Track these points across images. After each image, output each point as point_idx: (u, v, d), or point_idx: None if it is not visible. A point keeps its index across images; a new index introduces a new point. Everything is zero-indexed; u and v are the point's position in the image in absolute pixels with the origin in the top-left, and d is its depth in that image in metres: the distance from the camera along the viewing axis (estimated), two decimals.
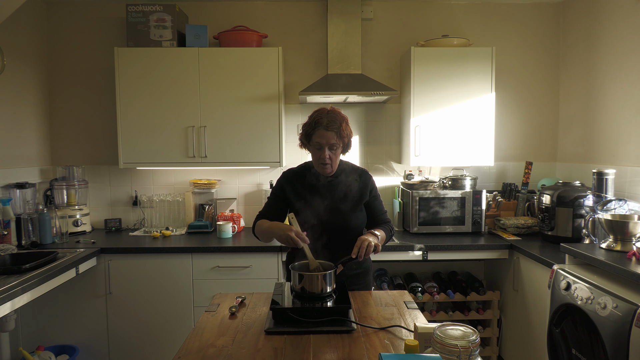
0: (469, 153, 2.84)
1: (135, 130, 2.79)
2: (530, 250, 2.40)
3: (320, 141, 1.67)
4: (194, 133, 2.79)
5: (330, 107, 1.73)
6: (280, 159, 2.82)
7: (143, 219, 3.11)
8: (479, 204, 2.83)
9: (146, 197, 3.08)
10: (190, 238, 2.80)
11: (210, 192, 3.11)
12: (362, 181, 1.81)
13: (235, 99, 2.78)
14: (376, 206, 1.84)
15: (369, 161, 3.18)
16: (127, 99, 2.77)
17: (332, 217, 1.72)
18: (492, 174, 3.20)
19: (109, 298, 2.58)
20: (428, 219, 2.84)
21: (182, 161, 2.82)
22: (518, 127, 3.19)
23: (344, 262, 1.60)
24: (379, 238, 1.68)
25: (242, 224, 3.06)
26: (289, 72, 3.11)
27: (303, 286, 1.50)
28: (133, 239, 2.79)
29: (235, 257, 2.57)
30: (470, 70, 2.79)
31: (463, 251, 2.61)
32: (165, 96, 2.77)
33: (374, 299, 1.66)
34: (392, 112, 3.16)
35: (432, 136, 2.83)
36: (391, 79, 3.12)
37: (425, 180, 3.03)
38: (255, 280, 2.57)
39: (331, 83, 2.80)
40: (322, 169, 1.73)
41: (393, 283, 2.90)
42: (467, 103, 2.81)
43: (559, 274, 1.96)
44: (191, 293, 2.58)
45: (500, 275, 2.83)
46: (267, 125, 2.80)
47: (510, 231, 2.81)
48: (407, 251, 2.60)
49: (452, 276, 2.98)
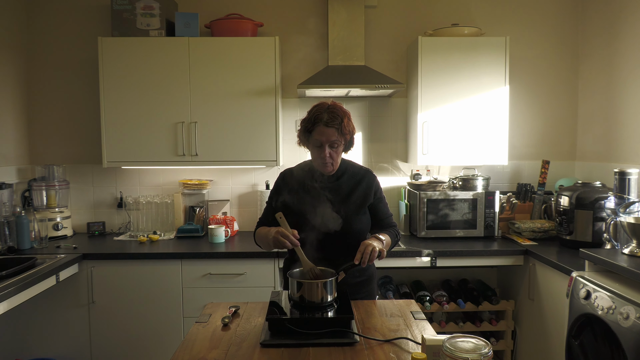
0: (481, 151, 2.84)
1: (120, 126, 2.79)
2: (547, 256, 2.40)
3: (321, 138, 1.68)
4: (183, 129, 2.79)
5: (331, 101, 1.73)
6: (277, 158, 2.82)
7: (129, 222, 3.11)
8: (491, 206, 2.83)
9: (132, 198, 3.09)
10: (180, 243, 2.80)
11: (201, 193, 3.11)
12: (366, 182, 1.81)
13: (229, 92, 2.78)
14: (381, 209, 1.84)
15: (373, 160, 3.18)
16: (112, 93, 2.77)
17: (334, 221, 1.72)
18: (506, 173, 3.20)
19: (92, 308, 2.58)
20: (437, 222, 2.84)
21: (171, 160, 2.82)
22: (534, 123, 3.19)
23: (346, 269, 1.60)
24: (384, 243, 1.68)
25: (236, 228, 3.06)
26: (287, 63, 3.11)
27: (302, 295, 1.50)
28: (118, 244, 2.79)
29: (229, 264, 2.57)
30: (482, 62, 2.79)
31: (474, 257, 2.61)
32: (153, 90, 2.77)
33: (379, 309, 1.66)
34: (398, 107, 3.16)
35: (441, 133, 2.83)
36: (397, 71, 3.13)
37: (433, 180, 3.03)
38: (250, 289, 2.57)
39: (332, 75, 2.80)
40: (322, 169, 1.74)
41: (399, 292, 2.90)
42: (478, 97, 2.81)
43: (578, 282, 1.96)
44: (180, 302, 2.58)
45: (514, 283, 2.83)
46: (262, 121, 2.80)
47: (526, 235, 2.82)
48: (414, 257, 2.60)
49: (462, 284, 2.98)
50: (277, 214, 1.61)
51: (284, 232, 1.56)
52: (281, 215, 1.60)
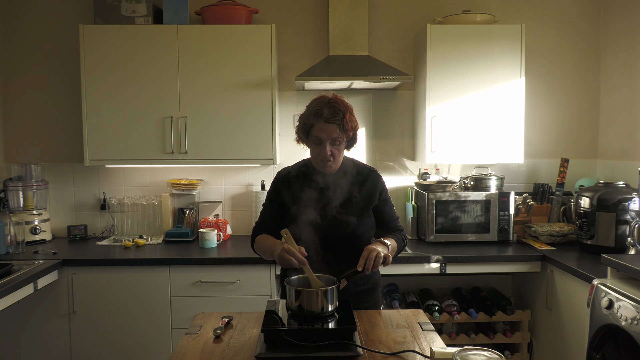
0: (494, 148, 2.84)
1: (103, 121, 2.78)
2: (566, 262, 2.40)
3: (321, 135, 1.68)
4: (172, 125, 2.79)
5: (332, 94, 1.73)
6: (273, 156, 2.82)
7: (113, 225, 3.11)
8: (506, 208, 2.83)
9: (116, 199, 3.08)
10: (168, 248, 2.80)
11: (191, 194, 3.11)
12: (370, 182, 1.81)
13: (221, 85, 2.78)
14: (386, 211, 1.84)
15: (378, 158, 3.18)
16: (95, 86, 2.77)
17: (335, 224, 1.72)
18: (522, 172, 3.20)
19: (73, 318, 2.58)
20: (447, 225, 2.84)
21: (158, 158, 2.81)
22: (552, 118, 3.19)
23: (349, 276, 1.60)
24: (390, 248, 1.68)
25: (229, 232, 3.06)
26: (284, 53, 3.11)
27: (300, 304, 1.50)
28: (101, 249, 2.78)
29: (221, 270, 2.57)
30: (496, 52, 2.79)
31: (488, 263, 2.61)
32: (139, 82, 2.77)
33: (384, 320, 1.66)
34: (405, 101, 3.16)
35: (452, 129, 2.83)
36: (403, 62, 3.12)
37: (443, 180, 3.03)
38: (244, 298, 2.57)
39: (333, 66, 2.80)
40: (322, 168, 1.74)
41: (405, 301, 2.91)
42: (492, 90, 2.81)
43: (600, 290, 1.96)
44: (169, 312, 2.58)
45: (531, 291, 2.83)
46: (258, 116, 2.79)
47: (543, 240, 2.82)
48: (422, 263, 2.60)
49: (474, 293, 2.98)
50: (283, 231, 1.61)
51: (290, 249, 1.56)
52: (287, 232, 1.60)
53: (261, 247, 1.78)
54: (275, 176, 1.86)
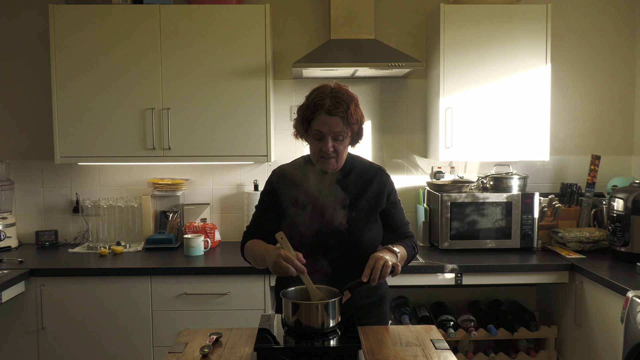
0: (516, 144, 2.84)
1: (76, 113, 2.78)
2: (597, 272, 2.40)
3: (322, 129, 1.68)
4: (154, 117, 2.79)
5: (334, 83, 1.73)
6: (267, 152, 2.82)
7: (86, 230, 3.11)
8: (530, 211, 2.83)
9: (91, 201, 3.09)
10: (149, 256, 2.80)
11: (175, 195, 3.11)
12: (377, 182, 1.81)
13: (209, 72, 2.78)
14: (395, 215, 1.84)
15: (385, 155, 3.19)
16: (66, 73, 2.77)
17: (338, 229, 1.72)
18: (547, 171, 3.21)
19: (42, 335, 2.58)
20: (463, 231, 2.84)
21: (138, 154, 2.81)
22: (581, 110, 3.19)
23: (353, 288, 1.60)
24: (398, 256, 1.68)
25: (218, 238, 3.07)
26: (280, 37, 3.11)
27: (298, 319, 1.50)
28: (73, 257, 2.78)
29: (209, 281, 2.57)
30: (518, 35, 2.79)
31: (509, 273, 2.61)
32: (116, 69, 2.77)
33: (392, 337, 1.67)
34: (416, 90, 3.16)
35: (469, 121, 2.83)
36: (414, 47, 3.13)
37: (458, 179, 3.02)
38: (235, 312, 2.57)
39: (335, 52, 2.80)
40: (323, 166, 1.74)
41: (416, 315, 2.91)
42: (514, 78, 2.81)
43: (636, 304, 1.96)
44: (150, 328, 2.58)
45: (557, 305, 2.83)
46: (250, 107, 2.80)
47: (571, 247, 2.82)
48: (435, 273, 2.61)
49: (494, 306, 2.99)
50: (278, 234, 1.60)
51: (288, 255, 1.55)
52: (283, 235, 1.59)
53: (252, 254, 1.78)
54: (270, 175, 1.86)
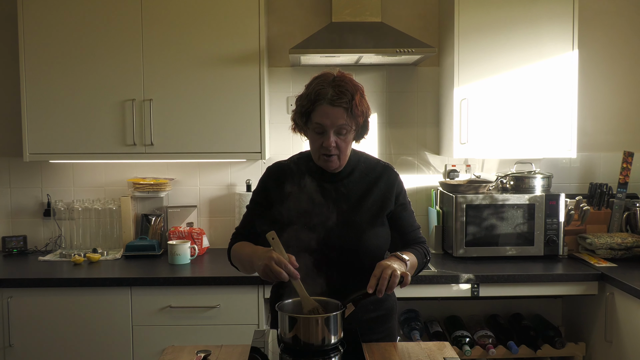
0: (540, 139, 2.84)
1: (47, 106, 2.78)
2: (630, 283, 2.40)
3: (323, 121, 1.67)
4: (134, 110, 2.79)
5: (337, 71, 1.73)
6: (261, 149, 2.82)
7: (59, 236, 3.11)
8: (555, 215, 2.83)
9: (64, 204, 3.08)
10: (129, 264, 2.80)
11: (158, 196, 3.11)
12: (385, 182, 1.81)
13: (196, 59, 2.78)
14: (405, 218, 1.84)
15: (393, 152, 3.18)
16: (37, 61, 2.76)
17: (340, 235, 1.71)
18: (574, 169, 3.20)
19: (9, 353, 2.57)
20: (480, 236, 2.84)
21: (116, 151, 2.81)
22: (612, 101, 3.19)
23: (357, 300, 1.59)
24: (408, 265, 1.68)
25: (206, 244, 3.06)
26: (276, 19, 3.11)
27: (296, 334, 1.49)
28: (44, 266, 2.78)
29: (196, 293, 2.57)
30: (542, 18, 2.79)
31: (531, 284, 2.61)
32: (93, 57, 2.76)
33: (400, 355, 1.66)
34: (427, 79, 3.16)
35: (486, 114, 2.83)
36: (425, 31, 3.12)
37: (475, 179, 3.02)
38: (225, 327, 2.57)
39: (337, 36, 2.80)
40: (325, 163, 1.74)
41: (428, 331, 2.91)
42: (537, 66, 2.81)
43: None
44: (130, 345, 2.58)
45: (586, 319, 2.83)
46: (242, 99, 2.79)
47: (601, 254, 2.82)
48: (448, 284, 2.60)
49: (515, 321, 2.98)
50: (269, 234, 1.59)
51: (280, 259, 1.54)
52: (274, 235, 1.59)
53: (239, 257, 1.77)
54: (264, 172, 1.86)
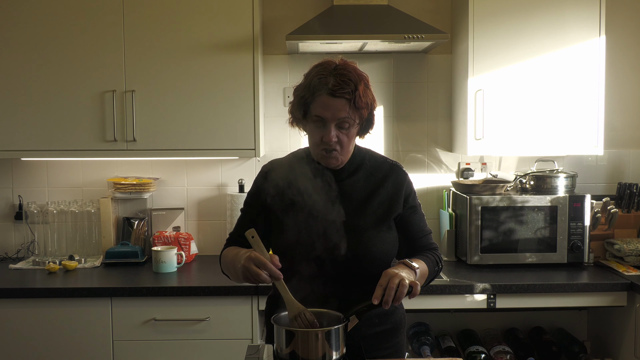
0: (563, 135, 2.84)
1: (18, 98, 2.78)
2: None
3: (324, 114, 1.67)
4: (115, 102, 2.79)
5: (339, 59, 1.73)
6: (255, 145, 2.82)
7: (32, 241, 3.11)
8: (579, 218, 2.83)
9: (37, 206, 3.08)
10: (110, 273, 2.80)
11: (141, 198, 3.11)
12: (392, 182, 1.82)
13: (183, 46, 2.78)
14: (414, 222, 1.84)
15: (401, 149, 3.19)
16: (5, 48, 2.76)
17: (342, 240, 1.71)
18: (601, 168, 3.21)
19: None
20: (497, 242, 2.84)
21: (95, 148, 2.81)
22: None
23: (361, 313, 1.60)
24: (417, 273, 1.68)
25: (194, 250, 3.06)
26: (271, 2, 3.11)
27: (294, 350, 1.50)
28: (15, 275, 2.79)
29: (183, 305, 2.58)
30: (565, 1, 2.79)
31: (553, 295, 2.61)
32: (68, 43, 2.76)
33: None
34: (438, 69, 3.16)
35: (504, 107, 2.83)
36: (436, 15, 3.12)
37: (491, 178, 3.02)
38: (216, 342, 2.58)
39: (339, 20, 2.80)
40: (325, 160, 1.74)
41: (440, 346, 2.91)
42: (559, 54, 2.81)
43: None
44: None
45: (614, 333, 2.83)
46: (234, 90, 2.80)
47: (630, 262, 2.82)
48: (462, 294, 2.61)
49: (535, 335, 2.99)
50: (248, 232, 1.60)
51: (259, 258, 1.55)
52: (254, 233, 1.59)
53: (225, 263, 1.78)
54: (260, 172, 1.86)
